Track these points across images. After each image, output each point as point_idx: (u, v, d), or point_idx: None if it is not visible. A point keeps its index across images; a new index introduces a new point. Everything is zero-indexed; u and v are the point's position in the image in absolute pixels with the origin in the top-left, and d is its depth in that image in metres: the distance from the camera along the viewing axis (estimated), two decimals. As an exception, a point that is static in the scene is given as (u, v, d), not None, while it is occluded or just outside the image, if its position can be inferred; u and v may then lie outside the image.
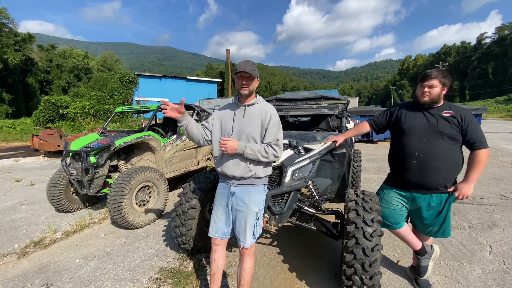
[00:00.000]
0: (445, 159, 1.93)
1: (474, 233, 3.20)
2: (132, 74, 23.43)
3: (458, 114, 1.92)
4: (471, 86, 63.26)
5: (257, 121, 1.84)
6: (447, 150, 1.93)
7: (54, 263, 2.76)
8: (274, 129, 1.83)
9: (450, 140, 1.93)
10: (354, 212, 2.00)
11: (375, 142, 12.42)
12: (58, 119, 18.65)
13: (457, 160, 1.96)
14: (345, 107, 3.39)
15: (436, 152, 1.94)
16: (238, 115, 1.89)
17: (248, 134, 1.83)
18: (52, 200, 3.94)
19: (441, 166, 1.94)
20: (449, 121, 1.92)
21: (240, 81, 1.82)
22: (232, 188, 1.88)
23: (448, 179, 1.98)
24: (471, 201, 4.27)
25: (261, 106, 1.90)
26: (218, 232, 1.93)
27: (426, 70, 2.05)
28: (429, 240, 2.31)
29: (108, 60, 58.35)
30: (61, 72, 41.91)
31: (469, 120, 1.90)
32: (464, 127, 1.90)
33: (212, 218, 1.97)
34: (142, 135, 4.16)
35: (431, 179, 1.98)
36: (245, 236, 1.84)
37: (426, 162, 1.96)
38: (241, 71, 1.78)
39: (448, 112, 1.95)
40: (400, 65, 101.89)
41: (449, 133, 1.91)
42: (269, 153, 1.79)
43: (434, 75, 1.93)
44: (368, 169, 6.87)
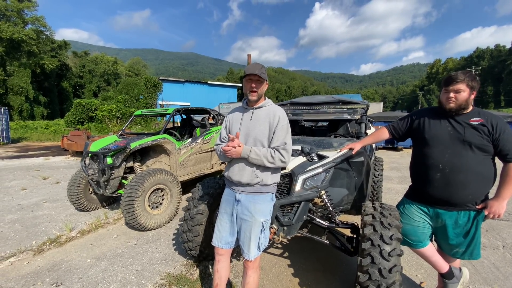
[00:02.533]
0: (473, 172, 1.71)
1: (509, 254, 2.86)
2: (157, 79, 24.33)
3: (488, 121, 1.70)
4: (507, 92, 58.73)
5: (264, 124, 1.77)
6: (476, 163, 1.70)
7: (67, 261, 2.81)
8: (282, 132, 1.75)
9: (480, 151, 1.70)
10: (370, 227, 1.83)
11: (400, 149, 11.80)
12: (87, 121, 19.77)
13: (488, 174, 1.72)
14: (364, 112, 3.19)
15: (463, 164, 1.72)
16: (245, 118, 1.84)
17: (255, 137, 1.77)
18: (72, 199, 4.08)
19: (469, 180, 1.71)
20: (478, 130, 1.70)
21: (248, 84, 1.76)
22: (237, 195, 1.79)
23: (477, 195, 1.74)
24: (507, 217, 3.85)
25: (269, 108, 1.83)
26: (221, 241, 1.84)
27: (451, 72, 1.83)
28: (456, 261, 2.06)
29: (136, 66, 61.27)
30: (92, 77, 44.62)
31: (501, 129, 1.66)
32: (495, 136, 1.67)
33: (216, 226, 1.88)
34: (157, 138, 4.21)
35: (457, 194, 1.75)
36: (249, 247, 1.73)
37: (452, 175, 1.75)
38: (250, 74, 1.71)
39: (477, 119, 1.72)
40: (429, 69, 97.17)
41: (478, 143, 1.69)
42: (276, 158, 1.69)
43: (460, 78, 1.71)
44: (391, 178, 6.50)
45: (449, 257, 2.02)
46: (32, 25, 31.87)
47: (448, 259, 2.03)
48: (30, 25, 31.73)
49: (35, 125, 21.51)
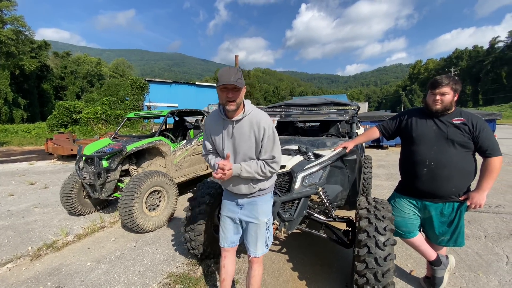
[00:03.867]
0: (456, 167, 1.89)
1: (490, 243, 3.09)
2: (143, 80, 23.96)
3: (469, 121, 1.88)
4: (485, 91, 61.77)
5: (250, 139, 1.65)
6: (459, 158, 1.89)
7: (66, 265, 2.81)
8: (269, 144, 1.65)
9: (462, 148, 1.88)
10: (366, 220, 1.97)
11: (385, 147, 12.23)
12: (71, 123, 19.20)
13: (469, 168, 1.91)
14: (355, 113, 3.37)
15: (447, 160, 1.90)
16: (227, 132, 1.69)
17: (244, 153, 1.68)
18: (65, 203, 4.03)
19: (453, 174, 1.90)
20: (460, 129, 1.88)
21: (224, 94, 1.55)
22: (239, 201, 1.82)
23: (460, 187, 1.93)
24: (487, 209, 4.13)
25: (251, 118, 1.65)
26: (227, 242, 1.91)
27: (436, 76, 2.01)
28: (443, 250, 2.24)
29: (120, 67, 59.92)
30: (75, 78, 43.28)
31: (480, 127, 1.85)
32: (475, 134, 1.85)
33: (221, 228, 1.93)
34: (153, 140, 4.23)
35: (442, 187, 1.94)
36: (256, 246, 1.80)
37: (437, 170, 1.92)
38: (225, 84, 1.51)
39: (459, 119, 1.90)
40: (411, 69, 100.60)
41: (460, 140, 1.87)
42: (266, 172, 1.67)
43: (445, 82, 1.88)
44: (378, 175, 6.76)
45: (436, 245, 2.20)
46: (11, 25, 30.59)
47: (435, 248, 2.21)
48: (9, 25, 30.44)
49: (16, 128, 20.66)
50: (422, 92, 78.03)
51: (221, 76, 1.53)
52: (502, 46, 63.04)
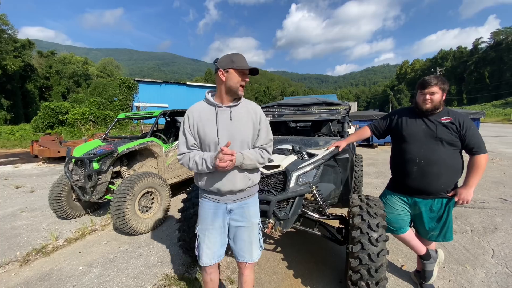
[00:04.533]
0: (445, 165, 1.96)
1: (477, 237, 3.21)
2: (132, 80, 23.56)
3: (456, 120, 1.95)
4: (469, 91, 63.81)
5: (248, 124, 1.62)
6: (447, 156, 1.95)
7: (57, 270, 2.75)
8: (265, 129, 1.67)
9: (450, 146, 1.95)
10: (359, 217, 2.02)
11: (375, 146, 12.46)
12: (57, 125, 18.65)
13: (457, 166, 1.98)
14: (346, 113, 3.43)
15: (436, 158, 1.96)
16: (222, 118, 1.59)
17: (242, 139, 1.60)
18: (54, 207, 3.94)
19: (442, 172, 1.96)
20: (447, 127, 1.95)
21: (241, 77, 1.56)
22: (229, 205, 1.65)
23: (449, 184, 2.00)
24: (473, 205, 4.28)
25: (247, 105, 1.67)
26: (214, 258, 1.69)
27: (424, 76, 2.07)
28: (432, 244, 2.32)
29: (108, 66, 58.65)
30: (60, 78, 42.04)
31: (467, 126, 1.92)
32: (462, 132, 1.92)
33: (204, 244, 1.68)
34: (145, 141, 4.18)
35: (432, 184, 2.00)
36: (252, 251, 1.70)
37: (427, 168, 1.98)
38: (248, 68, 1.55)
39: (447, 118, 1.97)
40: (398, 69, 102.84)
41: (448, 139, 1.94)
42: (265, 158, 1.65)
43: (434, 82, 1.94)
44: (369, 173, 6.89)
45: (426, 240, 2.27)
46: (-7, 23, 29.51)
47: (425, 243, 2.28)
48: (-10, 24, 29.36)
49: (-2, 130, 19.93)
50: (409, 92, 79.89)
51: (240, 60, 1.54)
52: (485, 46, 65.30)
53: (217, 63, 1.59)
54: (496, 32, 62.25)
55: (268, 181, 2.39)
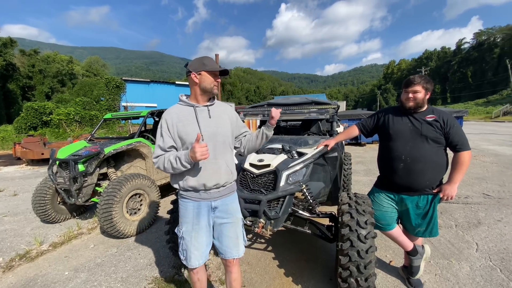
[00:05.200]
0: (430, 162, 2.01)
1: (461, 232, 3.32)
2: (119, 79, 23.07)
3: (440, 118, 2.00)
4: (452, 90, 65.82)
5: (226, 120, 1.75)
6: (432, 153, 2.00)
7: (42, 276, 2.66)
8: (240, 120, 1.89)
9: (434, 143, 2.00)
10: (348, 215, 2.04)
11: (363, 145, 12.67)
12: (41, 126, 18.06)
13: (442, 163, 2.04)
14: (335, 112, 3.46)
15: (421, 155, 2.01)
16: (202, 116, 1.66)
17: (224, 134, 1.70)
18: (37, 211, 3.81)
19: (427, 168, 2.01)
20: (432, 125, 2.00)
21: (214, 79, 1.68)
22: (213, 203, 1.68)
23: (433, 181, 2.05)
24: (457, 200, 4.42)
25: (220, 104, 1.84)
26: (202, 258, 1.71)
27: (409, 75, 2.13)
28: (418, 240, 2.37)
29: (94, 65, 57.17)
30: (44, 77, 40.70)
31: (451, 124, 1.98)
32: (446, 130, 1.98)
33: (192, 246, 1.67)
34: (133, 141, 4.10)
35: (417, 181, 2.05)
36: (238, 245, 1.77)
37: (412, 165, 2.03)
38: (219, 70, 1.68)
39: (431, 116, 2.03)
40: (385, 69, 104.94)
41: (432, 136, 1.99)
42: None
43: (417, 81, 2.00)
44: (357, 171, 7.00)
45: (412, 236, 2.32)
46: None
47: (412, 238, 2.33)
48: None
49: (-22, 132, 19.10)
50: (396, 91, 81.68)
51: (211, 62, 1.67)
52: (467, 47, 67.47)
53: (188, 66, 1.68)
54: (478, 33, 64.47)
55: (259, 180, 2.39)
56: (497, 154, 8.59)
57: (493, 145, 10.74)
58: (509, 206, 4.08)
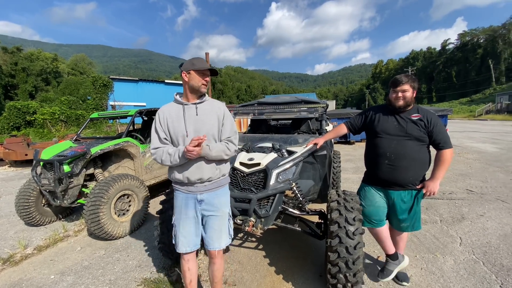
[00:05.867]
0: (413, 159, 2.08)
1: (446, 226, 3.42)
2: (107, 78, 22.54)
3: (425, 117, 2.08)
4: (437, 89, 67.52)
5: (213, 118, 1.81)
6: (415, 151, 2.08)
7: (27, 280, 2.58)
8: (229, 122, 1.87)
9: (418, 141, 2.08)
10: (336, 212, 2.07)
11: (352, 143, 12.86)
12: (24, 126, 17.48)
13: (425, 160, 2.11)
14: (324, 111, 3.50)
15: (405, 152, 2.08)
16: (189, 114, 1.78)
17: (208, 132, 1.77)
18: (21, 213, 3.69)
19: (410, 165, 2.09)
20: (417, 124, 2.07)
21: (202, 77, 1.77)
22: (199, 196, 1.80)
23: (417, 176, 2.13)
24: (441, 196, 4.55)
25: (212, 102, 1.89)
26: (189, 245, 1.84)
27: (396, 75, 2.19)
28: (400, 248, 2.45)
29: (80, 63, 55.61)
30: (27, 75, 39.33)
31: (434, 123, 2.05)
32: (430, 129, 2.05)
33: (180, 233, 1.83)
34: (120, 141, 4.02)
35: (401, 177, 2.12)
36: (221, 238, 1.84)
37: (397, 162, 2.10)
38: (207, 69, 1.77)
39: (416, 115, 2.10)
40: (373, 69, 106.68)
41: (417, 135, 2.07)
42: (231, 149, 1.81)
43: (404, 80, 2.06)
44: (346, 169, 7.10)
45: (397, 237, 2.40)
46: None
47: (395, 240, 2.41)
48: None
49: (-43, 132, 18.30)
50: (384, 90, 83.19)
51: (200, 62, 1.77)
52: (452, 47, 69.35)
53: (181, 67, 1.81)
54: (463, 34, 66.34)
55: (249, 179, 2.39)
56: (480, 152, 8.89)
57: (476, 142, 11.11)
58: (491, 201, 4.24)
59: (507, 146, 9.73)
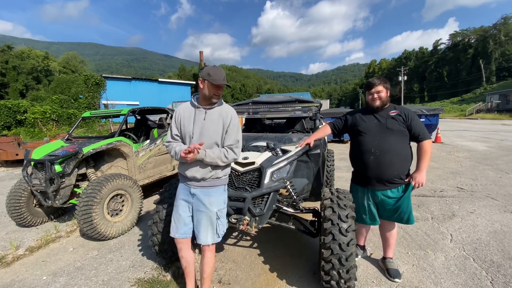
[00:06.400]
0: (396, 153, 2.19)
1: (437, 224, 3.48)
2: (99, 76, 22.23)
3: (402, 112, 2.22)
4: (429, 89, 68.39)
5: (218, 124, 1.90)
6: (398, 145, 2.20)
7: (19, 281, 2.54)
8: (234, 130, 1.92)
9: (399, 135, 2.20)
10: (330, 209, 2.10)
11: (346, 142, 12.97)
12: (15, 125, 17.13)
13: (407, 154, 2.23)
14: (318, 110, 3.53)
15: (388, 146, 2.20)
16: (199, 117, 1.92)
17: (210, 136, 1.88)
18: (12, 214, 3.62)
19: (394, 159, 2.19)
20: (396, 119, 2.22)
21: (215, 90, 1.87)
22: (192, 190, 1.93)
23: (401, 170, 2.22)
24: (433, 194, 4.64)
25: (222, 108, 1.97)
26: (178, 232, 1.98)
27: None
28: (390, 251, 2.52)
29: (72, 61, 54.67)
30: (18, 74, 38.51)
31: (412, 117, 2.20)
32: (408, 123, 2.19)
33: (172, 218, 2.02)
34: (113, 140, 3.97)
35: (387, 172, 2.21)
36: (207, 235, 1.92)
37: (381, 157, 2.20)
38: (222, 83, 1.85)
39: (394, 111, 2.25)
40: (367, 68, 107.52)
41: (397, 129, 2.20)
42: (229, 157, 1.88)
43: (377, 82, 2.23)
44: (340, 168, 7.16)
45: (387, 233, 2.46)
46: None
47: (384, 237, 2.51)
48: None
49: None
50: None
51: (216, 74, 1.83)
52: (443, 48, 70.34)
53: (200, 72, 1.93)
54: (454, 34, 67.33)
55: (243, 178, 2.40)
56: (470, 150, 9.07)
57: (466, 141, 11.32)
58: (481, 198, 4.33)
59: (497, 145, 9.94)
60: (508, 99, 34.37)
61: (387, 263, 2.48)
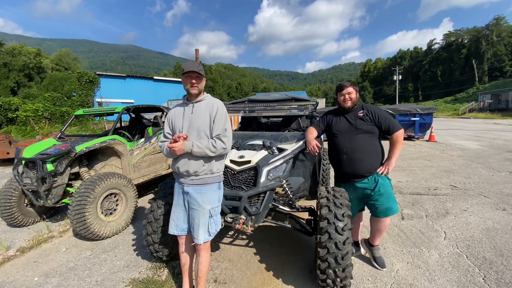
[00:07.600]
0: (366, 150, 2.34)
1: (431, 221, 3.52)
2: (93, 74, 21.95)
3: (369, 111, 2.37)
4: (423, 88, 69.10)
5: (205, 115, 1.94)
6: (367, 143, 2.34)
7: (9, 283, 2.49)
8: (221, 120, 1.95)
9: (368, 134, 2.34)
10: (326, 208, 2.09)
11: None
12: (6, 123, 16.82)
13: (377, 150, 2.36)
14: (314, 108, 3.52)
15: (358, 145, 2.34)
16: (187, 112, 1.99)
17: (198, 128, 1.92)
18: (3, 214, 3.55)
19: (365, 156, 2.33)
20: (363, 119, 2.36)
21: (188, 80, 1.93)
22: (185, 188, 1.95)
23: (373, 165, 2.35)
24: (427, 192, 4.68)
25: (208, 101, 2.02)
26: (177, 229, 2.03)
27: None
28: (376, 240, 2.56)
29: (64, 59, 53.81)
30: (9, 71, 37.78)
31: (378, 114, 2.34)
32: (376, 120, 2.33)
33: (171, 216, 2.06)
34: (107, 139, 3.91)
35: (359, 168, 2.35)
36: (198, 233, 1.93)
37: (353, 155, 2.35)
38: (189, 71, 1.89)
39: (362, 112, 2.39)
40: (362, 68, 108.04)
41: (365, 129, 2.34)
42: (218, 147, 1.88)
43: (348, 84, 2.39)
44: (336, 166, 7.19)
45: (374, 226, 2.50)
46: None
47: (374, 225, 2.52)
48: None
49: None
50: (372, 89, 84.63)
51: (187, 66, 1.91)
52: (437, 47, 71.05)
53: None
54: (448, 34, 68.03)
55: (239, 177, 2.38)
56: (463, 148, 9.18)
57: (460, 140, 11.46)
58: (474, 196, 4.38)
59: (489, 144, 10.09)
60: (499, 98, 34.94)
61: (374, 251, 2.58)
